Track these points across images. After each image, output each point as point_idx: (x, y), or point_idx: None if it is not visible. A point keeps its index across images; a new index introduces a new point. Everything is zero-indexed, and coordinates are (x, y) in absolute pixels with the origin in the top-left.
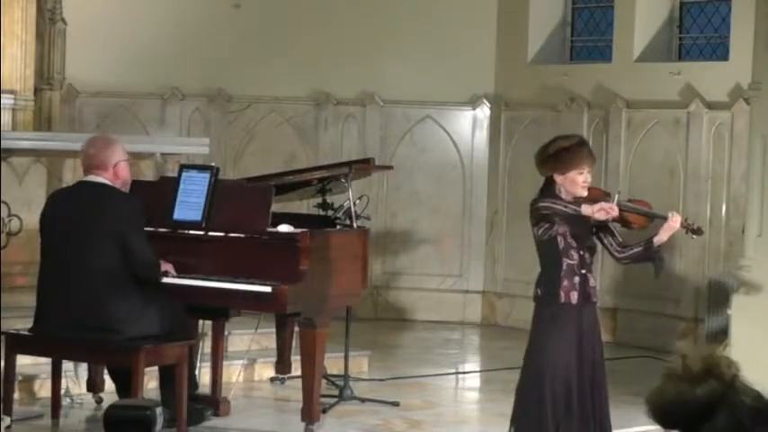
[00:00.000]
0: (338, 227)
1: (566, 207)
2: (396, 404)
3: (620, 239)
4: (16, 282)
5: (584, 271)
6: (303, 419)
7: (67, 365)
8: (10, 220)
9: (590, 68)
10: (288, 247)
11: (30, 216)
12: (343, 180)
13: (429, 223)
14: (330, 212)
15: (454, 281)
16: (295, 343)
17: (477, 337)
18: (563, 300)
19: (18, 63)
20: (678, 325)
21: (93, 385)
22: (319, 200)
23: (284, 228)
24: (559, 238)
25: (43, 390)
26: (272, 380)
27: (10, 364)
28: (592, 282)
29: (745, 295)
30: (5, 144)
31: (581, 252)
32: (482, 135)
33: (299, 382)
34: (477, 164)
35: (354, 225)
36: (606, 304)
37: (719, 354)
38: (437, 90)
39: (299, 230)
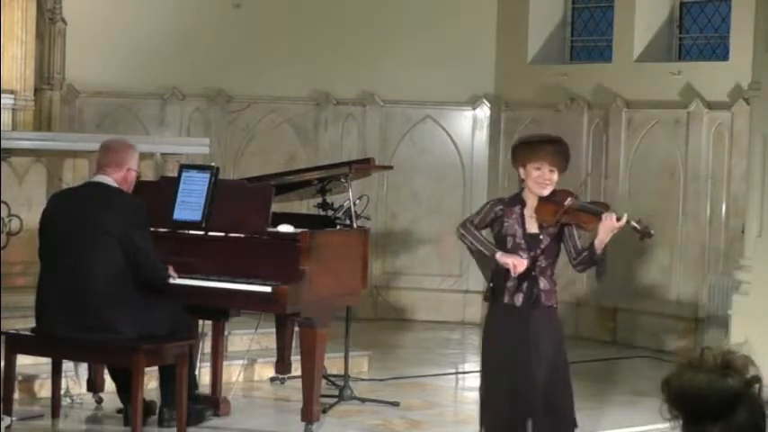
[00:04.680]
0: (338, 227)
1: (477, 241)
2: (396, 404)
3: (580, 247)
4: (16, 282)
5: (533, 273)
6: (303, 419)
7: (67, 365)
8: (10, 221)
9: (590, 68)
10: (288, 247)
11: (30, 216)
12: (343, 180)
13: (429, 223)
14: (330, 212)
15: (454, 281)
16: (295, 343)
17: (477, 337)
18: (506, 300)
19: (18, 63)
20: (678, 325)
21: (94, 385)
22: (319, 200)
23: (284, 228)
24: (508, 239)
25: (43, 390)
26: (272, 380)
27: (10, 364)
28: (542, 284)
29: (745, 295)
30: (5, 144)
31: (532, 253)
32: (482, 135)
33: (299, 382)
34: (477, 164)
35: (354, 225)
36: (606, 304)
37: (737, 351)
38: (437, 90)
39: (299, 230)
